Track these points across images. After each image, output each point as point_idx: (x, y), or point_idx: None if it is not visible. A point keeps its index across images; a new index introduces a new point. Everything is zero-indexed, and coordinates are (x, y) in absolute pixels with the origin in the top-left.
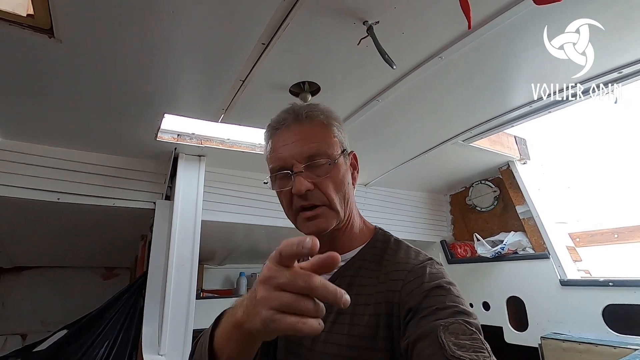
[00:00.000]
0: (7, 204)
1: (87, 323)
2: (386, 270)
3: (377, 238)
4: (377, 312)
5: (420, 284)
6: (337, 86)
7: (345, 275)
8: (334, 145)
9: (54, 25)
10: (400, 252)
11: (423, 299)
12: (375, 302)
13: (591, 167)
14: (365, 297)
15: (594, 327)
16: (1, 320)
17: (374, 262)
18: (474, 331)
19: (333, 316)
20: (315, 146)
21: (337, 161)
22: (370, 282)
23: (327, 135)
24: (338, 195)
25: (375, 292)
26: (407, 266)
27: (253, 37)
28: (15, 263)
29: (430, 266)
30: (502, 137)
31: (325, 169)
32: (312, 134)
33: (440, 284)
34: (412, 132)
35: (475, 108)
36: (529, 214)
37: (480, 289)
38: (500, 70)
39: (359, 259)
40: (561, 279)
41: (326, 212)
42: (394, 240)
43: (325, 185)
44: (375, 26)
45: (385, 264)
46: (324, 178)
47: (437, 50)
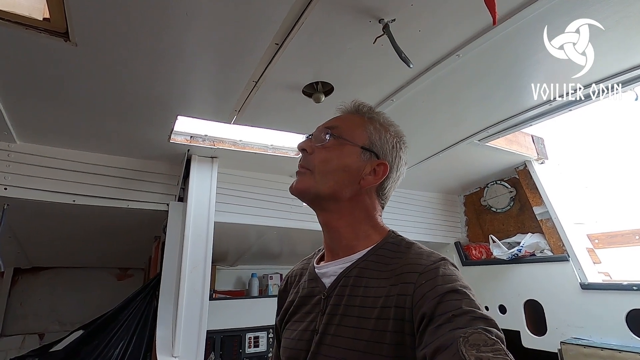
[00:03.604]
0: (24, 206)
1: (103, 323)
2: (397, 272)
3: (387, 240)
4: (386, 315)
5: (433, 287)
6: (350, 86)
7: (350, 276)
8: (357, 134)
9: (70, 28)
10: (412, 253)
11: (437, 304)
12: (383, 305)
13: (610, 166)
14: (373, 299)
15: (617, 332)
16: (19, 320)
17: (383, 263)
18: (495, 341)
19: (338, 318)
20: (335, 123)
21: (345, 144)
22: (378, 283)
23: (357, 124)
24: (326, 170)
25: (384, 294)
26: (418, 268)
27: (266, 38)
28: (32, 264)
29: (444, 267)
30: (519, 136)
31: (329, 142)
32: (345, 118)
33: (454, 288)
34: (426, 132)
35: (492, 107)
36: (547, 215)
37: (496, 292)
38: (518, 67)
39: (366, 260)
40: (582, 282)
41: (307, 175)
42: (406, 242)
43: (318, 155)
44: (392, 24)
45: (395, 266)
46: (321, 147)
47: (454, 48)
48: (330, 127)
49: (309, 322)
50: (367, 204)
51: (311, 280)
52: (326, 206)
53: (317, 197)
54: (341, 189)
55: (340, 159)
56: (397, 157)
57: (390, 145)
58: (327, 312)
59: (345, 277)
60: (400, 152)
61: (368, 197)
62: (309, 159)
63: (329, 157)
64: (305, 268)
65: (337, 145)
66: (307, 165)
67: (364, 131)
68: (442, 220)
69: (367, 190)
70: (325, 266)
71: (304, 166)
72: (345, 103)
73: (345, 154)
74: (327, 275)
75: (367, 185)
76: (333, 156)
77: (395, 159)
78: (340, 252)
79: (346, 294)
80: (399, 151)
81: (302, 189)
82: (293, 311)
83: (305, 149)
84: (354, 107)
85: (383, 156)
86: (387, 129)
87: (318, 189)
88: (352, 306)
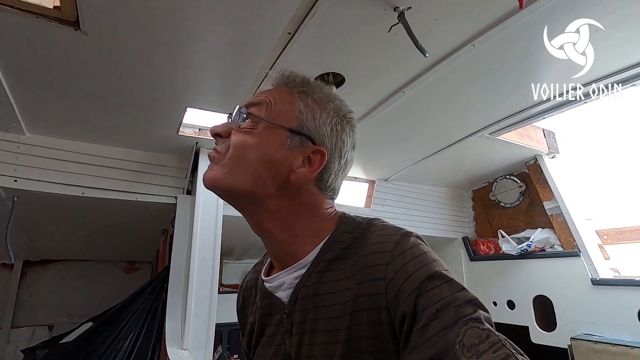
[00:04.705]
0: (33, 198)
1: (112, 316)
2: (359, 266)
3: (340, 229)
4: (358, 321)
5: (406, 278)
6: (362, 77)
7: (308, 285)
8: (284, 114)
9: (80, 17)
10: (370, 240)
11: (416, 299)
12: (353, 310)
13: (620, 162)
14: (340, 306)
15: (629, 329)
16: (29, 312)
17: (342, 258)
18: (488, 330)
19: (308, 337)
20: (257, 99)
21: (269, 128)
22: (342, 285)
23: (285, 101)
24: (239, 161)
25: (352, 297)
26: (383, 257)
27: (279, 27)
28: (42, 256)
29: (410, 247)
30: (530, 130)
31: (247, 125)
32: (273, 94)
33: (429, 272)
34: (437, 125)
35: (506, 99)
36: (558, 210)
37: (504, 288)
38: (533, 59)
39: (322, 260)
40: (593, 278)
41: (218, 164)
42: (360, 227)
43: (235, 138)
44: (407, 12)
45: (356, 259)
46: (236, 130)
47: (470, 38)
48: (249, 105)
49: (278, 346)
50: (304, 200)
51: (264, 297)
52: (246, 206)
53: (229, 195)
54: (262, 185)
55: (259, 148)
56: (339, 141)
57: (329, 127)
58: (294, 332)
59: (303, 288)
60: (343, 134)
61: (305, 193)
62: (223, 143)
63: (245, 144)
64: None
65: (257, 128)
66: (220, 149)
67: (292, 110)
68: (450, 215)
69: (303, 184)
70: (275, 278)
71: (217, 151)
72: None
73: (266, 141)
74: (282, 289)
75: (299, 179)
76: (250, 143)
77: (337, 144)
78: (288, 260)
79: (310, 308)
80: (341, 133)
81: (210, 180)
82: (257, 334)
83: (220, 133)
84: (282, 79)
85: (320, 141)
86: (323, 105)
87: (229, 184)
88: (320, 320)
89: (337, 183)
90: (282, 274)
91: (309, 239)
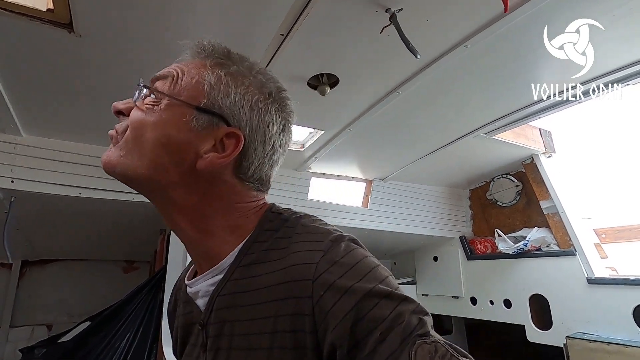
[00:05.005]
0: (30, 198)
1: (109, 315)
2: (283, 279)
3: (264, 226)
4: (280, 344)
5: (338, 299)
6: (356, 78)
7: (225, 295)
8: (189, 87)
9: (73, 19)
10: (297, 244)
11: (354, 325)
12: (274, 330)
13: (618, 161)
14: (261, 322)
15: (623, 327)
16: (28, 311)
17: (263, 262)
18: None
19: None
20: (165, 72)
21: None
22: (263, 297)
23: (194, 73)
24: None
25: (273, 314)
26: (309, 271)
27: (272, 28)
28: (40, 256)
29: (343, 257)
30: (526, 129)
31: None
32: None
33: (365, 290)
34: (432, 125)
35: (500, 99)
36: (554, 209)
37: (501, 286)
38: (528, 59)
39: (240, 265)
40: (588, 277)
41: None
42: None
43: (133, 115)
44: (399, 14)
45: (279, 266)
46: (136, 107)
47: (463, 39)
48: (155, 79)
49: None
50: (218, 192)
51: (186, 303)
52: (150, 196)
53: (127, 181)
54: (163, 172)
55: (157, 128)
56: (261, 123)
57: (247, 105)
58: (209, 347)
59: (219, 298)
60: (267, 115)
61: (220, 183)
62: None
63: (142, 123)
64: None
65: (158, 105)
66: (119, 128)
67: (201, 84)
68: (447, 214)
69: (216, 173)
70: (195, 282)
71: (116, 130)
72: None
73: (167, 120)
74: (199, 296)
75: (208, 167)
76: (148, 122)
77: (259, 126)
78: (203, 262)
79: (226, 321)
80: (264, 113)
81: (105, 163)
82: (181, 342)
83: (121, 111)
84: (196, 48)
85: (236, 122)
86: (241, 80)
87: (124, 168)
88: (236, 336)
89: (264, 172)
90: (201, 279)
91: (226, 237)
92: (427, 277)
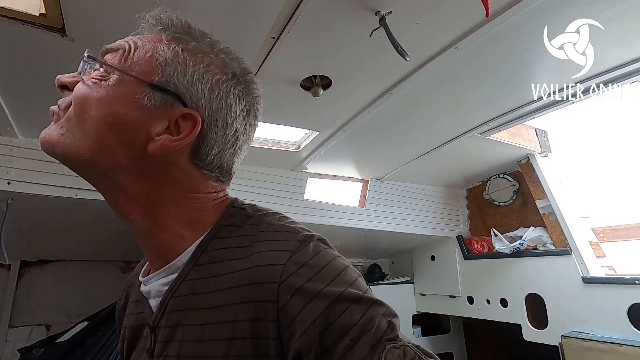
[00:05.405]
0: (27, 200)
1: (106, 316)
2: (244, 280)
3: (224, 222)
4: (237, 351)
5: (305, 304)
6: (349, 79)
7: (179, 296)
8: (141, 62)
9: (66, 24)
10: (261, 242)
11: (323, 332)
12: (232, 336)
13: (615, 159)
14: (216, 327)
15: (618, 326)
16: (27, 312)
17: (222, 260)
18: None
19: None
20: (117, 44)
21: (121, 80)
22: (221, 300)
23: (148, 48)
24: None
25: (232, 319)
26: (274, 273)
27: (263, 31)
28: (38, 256)
29: (311, 257)
30: (522, 129)
31: (96, 74)
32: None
33: (335, 294)
34: (427, 125)
35: (494, 100)
36: (550, 209)
37: (497, 286)
38: (521, 59)
39: (197, 264)
40: (583, 277)
41: (57, 123)
42: (249, 222)
43: (77, 90)
44: (388, 16)
45: (240, 266)
46: (81, 82)
47: (454, 40)
48: (105, 52)
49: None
50: (172, 179)
51: (137, 302)
52: (95, 181)
53: (68, 163)
54: (109, 154)
55: (103, 104)
56: (222, 105)
57: (207, 85)
58: (156, 353)
59: (172, 299)
60: (230, 98)
61: (175, 169)
62: (67, 97)
63: (87, 98)
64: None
65: (107, 79)
66: (62, 104)
67: (155, 59)
68: (444, 214)
69: (171, 158)
70: (148, 280)
71: (59, 106)
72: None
73: (115, 96)
74: (152, 296)
75: (160, 150)
76: (93, 98)
77: (221, 109)
78: (156, 259)
79: (179, 325)
80: (226, 96)
81: (43, 141)
82: (129, 345)
83: (66, 84)
84: (152, 20)
85: (193, 103)
86: (201, 57)
87: (64, 148)
88: (188, 342)
89: (225, 160)
90: (154, 277)
91: (181, 231)
92: (424, 277)
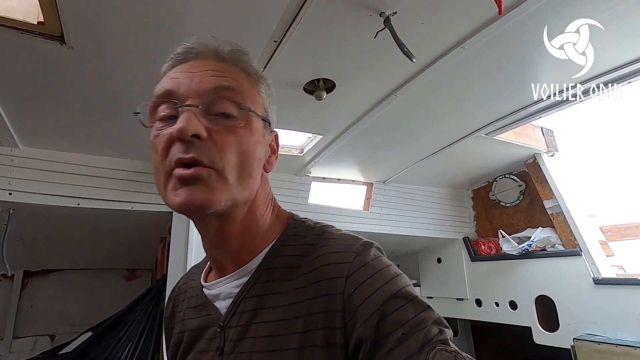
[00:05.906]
0: (29, 210)
1: (110, 325)
2: (313, 279)
3: (289, 232)
4: (311, 342)
5: (367, 297)
6: (353, 82)
7: (250, 297)
8: (255, 102)
9: (64, 32)
10: (326, 247)
11: (378, 322)
12: (305, 329)
13: (623, 157)
14: (288, 323)
15: (632, 328)
16: (31, 322)
17: (291, 267)
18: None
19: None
20: (229, 81)
21: (252, 119)
22: (292, 298)
23: (251, 85)
24: (240, 164)
25: (304, 314)
26: (342, 269)
27: (264, 35)
28: (41, 266)
29: (372, 260)
30: (528, 128)
31: (234, 120)
32: (231, 73)
33: (393, 291)
34: (432, 127)
35: (500, 100)
36: (558, 209)
37: (506, 288)
38: (526, 59)
39: (269, 268)
40: (595, 278)
41: (212, 178)
42: (313, 232)
43: (225, 140)
44: (393, 17)
45: (308, 268)
46: (226, 130)
47: (459, 41)
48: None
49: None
50: (267, 190)
51: (200, 306)
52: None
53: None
54: (253, 186)
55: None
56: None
57: (275, 106)
58: (226, 350)
59: (244, 300)
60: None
61: (266, 183)
62: (206, 147)
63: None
64: (192, 286)
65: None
66: (205, 158)
67: (260, 96)
68: (450, 216)
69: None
70: (215, 285)
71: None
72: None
73: (254, 134)
74: (221, 298)
75: (271, 169)
76: (244, 140)
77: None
78: (229, 265)
79: (251, 323)
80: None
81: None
82: (185, 348)
83: (198, 134)
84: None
85: (272, 121)
86: (270, 87)
87: (236, 198)
88: (261, 338)
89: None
90: (222, 281)
91: (259, 241)
92: (431, 279)
